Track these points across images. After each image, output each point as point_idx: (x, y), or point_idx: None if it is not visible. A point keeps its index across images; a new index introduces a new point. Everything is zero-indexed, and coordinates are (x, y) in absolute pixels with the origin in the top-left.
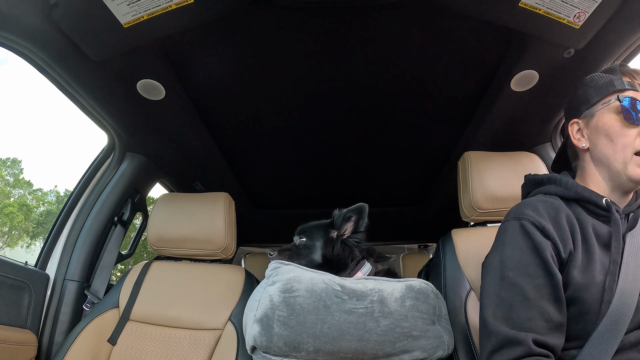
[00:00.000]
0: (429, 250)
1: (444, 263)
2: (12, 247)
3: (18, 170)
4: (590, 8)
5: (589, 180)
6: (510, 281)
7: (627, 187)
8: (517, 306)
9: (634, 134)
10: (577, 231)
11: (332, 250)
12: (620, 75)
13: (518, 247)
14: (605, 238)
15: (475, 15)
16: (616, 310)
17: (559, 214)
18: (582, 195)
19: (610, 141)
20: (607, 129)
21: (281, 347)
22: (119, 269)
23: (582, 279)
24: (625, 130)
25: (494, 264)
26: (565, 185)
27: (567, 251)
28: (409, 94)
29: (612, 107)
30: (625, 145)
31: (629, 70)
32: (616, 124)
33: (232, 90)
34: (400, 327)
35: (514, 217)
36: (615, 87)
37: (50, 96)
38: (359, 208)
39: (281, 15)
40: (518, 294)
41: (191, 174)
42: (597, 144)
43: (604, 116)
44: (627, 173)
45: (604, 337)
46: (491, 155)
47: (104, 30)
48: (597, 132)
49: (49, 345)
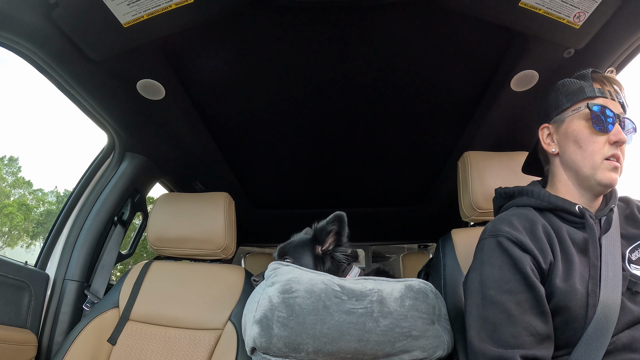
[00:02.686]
0: (429, 250)
1: (443, 263)
2: (12, 247)
3: (16, 168)
4: (590, 8)
5: (558, 184)
6: (492, 300)
7: (596, 190)
8: (501, 324)
9: (603, 140)
10: (554, 240)
11: (323, 267)
12: (591, 82)
13: (497, 265)
14: (581, 244)
15: (476, 15)
16: (602, 313)
17: (534, 225)
18: (556, 205)
19: (579, 147)
20: (576, 136)
21: (281, 348)
22: (119, 269)
23: (565, 287)
24: (594, 137)
25: (474, 284)
26: (538, 196)
27: (548, 262)
28: (409, 94)
29: (582, 114)
30: (594, 151)
31: (600, 77)
32: (585, 131)
33: (232, 90)
34: (400, 327)
35: (490, 235)
36: (585, 94)
37: (50, 96)
38: (338, 218)
39: (281, 15)
40: (501, 312)
41: (191, 174)
42: (566, 150)
43: (574, 122)
44: (597, 178)
45: (593, 341)
46: (491, 155)
47: (104, 30)
48: (566, 138)
49: (49, 345)
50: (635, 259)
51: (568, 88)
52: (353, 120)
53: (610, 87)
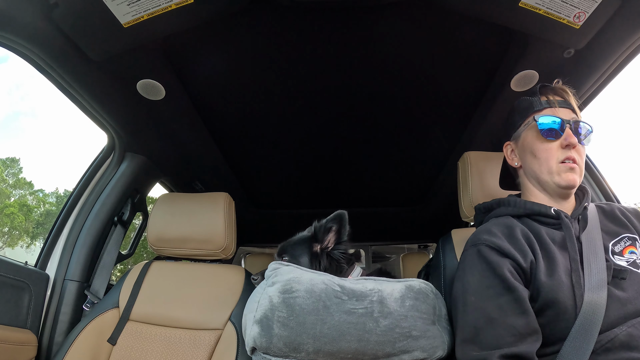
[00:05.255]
0: (429, 250)
1: (443, 263)
2: (13, 247)
3: (17, 169)
4: (590, 8)
5: (529, 194)
6: (474, 306)
7: (559, 192)
8: (482, 327)
9: (555, 146)
10: (533, 241)
11: (320, 266)
12: (539, 97)
13: (477, 272)
14: (561, 242)
15: (475, 15)
16: (590, 300)
17: (513, 230)
18: (532, 210)
19: (534, 157)
20: (531, 147)
21: (281, 348)
22: (119, 269)
23: (550, 281)
24: (546, 144)
25: (458, 292)
26: (515, 204)
27: (528, 261)
28: (409, 94)
29: (532, 126)
30: (548, 158)
31: (547, 90)
32: (537, 142)
33: (232, 90)
34: (400, 327)
35: (471, 245)
36: (533, 109)
37: (50, 96)
38: (339, 216)
39: (281, 15)
40: (482, 316)
41: (191, 174)
42: (525, 161)
43: (527, 135)
44: (555, 181)
45: (585, 328)
46: (491, 155)
47: (104, 30)
48: (524, 151)
49: (49, 345)
50: (618, 251)
51: (520, 106)
52: (353, 119)
53: (556, 97)
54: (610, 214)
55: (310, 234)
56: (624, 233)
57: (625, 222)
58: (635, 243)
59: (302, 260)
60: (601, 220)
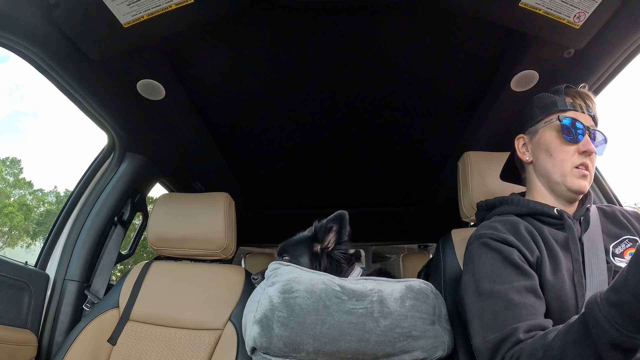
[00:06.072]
0: (429, 250)
1: (443, 263)
2: (12, 247)
3: (17, 169)
4: (590, 8)
5: (534, 191)
6: (488, 292)
7: (567, 196)
8: (500, 310)
9: (572, 150)
10: (538, 238)
11: (320, 266)
12: (564, 96)
13: (487, 261)
14: (563, 242)
15: (475, 15)
16: None
17: (517, 227)
18: (535, 209)
19: (550, 156)
20: (548, 145)
21: (281, 348)
22: (119, 269)
23: (555, 280)
24: (564, 147)
25: (469, 284)
26: (518, 203)
27: (535, 256)
28: (409, 94)
29: (554, 125)
30: (564, 160)
31: (573, 92)
32: (556, 141)
33: (232, 90)
34: (400, 327)
35: (476, 238)
36: (557, 107)
37: (50, 96)
38: (340, 216)
39: (281, 15)
40: (500, 300)
41: (191, 174)
42: (538, 158)
43: (546, 133)
44: (566, 184)
45: None
46: (491, 155)
47: (104, 30)
48: (539, 147)
49: (49, 345)
50: (618, 252)
51: (542, 101)
52: (353, 119)
53: (581, 101)
54: (612, 216)
55: (310, 234)
56: (624, 235)
57: (626, 224)
58: (635, 245)
59: (303, 260)
60: (602, 222)
